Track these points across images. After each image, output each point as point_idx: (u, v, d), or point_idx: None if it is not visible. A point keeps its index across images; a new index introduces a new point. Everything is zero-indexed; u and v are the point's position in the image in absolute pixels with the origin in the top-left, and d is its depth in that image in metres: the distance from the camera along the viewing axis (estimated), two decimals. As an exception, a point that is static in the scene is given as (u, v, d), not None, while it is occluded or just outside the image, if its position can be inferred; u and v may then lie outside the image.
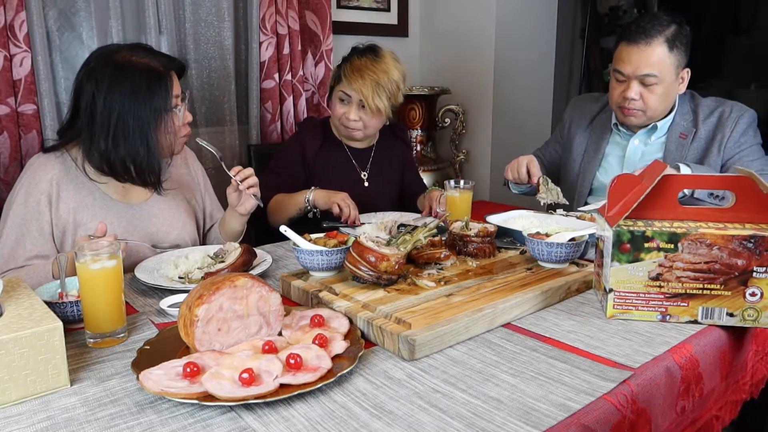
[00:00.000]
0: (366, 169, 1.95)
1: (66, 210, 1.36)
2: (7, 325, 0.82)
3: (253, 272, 1.29)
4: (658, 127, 1.77)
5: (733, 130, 1.67)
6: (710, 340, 0.99)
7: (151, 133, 1.33)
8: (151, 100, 1.31)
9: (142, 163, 1.34)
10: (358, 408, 0.79)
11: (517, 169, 1.77)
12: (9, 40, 1.78)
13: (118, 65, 1.31)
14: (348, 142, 1.95)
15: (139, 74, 1.31)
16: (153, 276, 1.27)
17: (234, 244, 1.35)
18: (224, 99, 2.31)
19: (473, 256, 1.32)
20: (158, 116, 1.33)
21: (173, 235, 1.51)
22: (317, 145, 1.89)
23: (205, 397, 0.78)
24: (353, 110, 1.82)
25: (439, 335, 0.93)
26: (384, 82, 1.78)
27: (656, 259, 1.01)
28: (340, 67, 1.85)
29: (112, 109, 1.30)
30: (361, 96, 1.78)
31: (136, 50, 1.35)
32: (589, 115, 1.96)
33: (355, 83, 1.77)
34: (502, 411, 0.77)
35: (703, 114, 1.73)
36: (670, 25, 1.64)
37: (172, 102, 1.36)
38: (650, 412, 0.86)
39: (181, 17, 2.20)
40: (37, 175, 1.35)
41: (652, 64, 1.64)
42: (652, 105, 1.70)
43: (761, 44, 3.19)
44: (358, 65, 1.79)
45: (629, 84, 1.69)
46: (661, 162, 1.10)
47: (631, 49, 1.66)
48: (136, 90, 1.30)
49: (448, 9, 2.95)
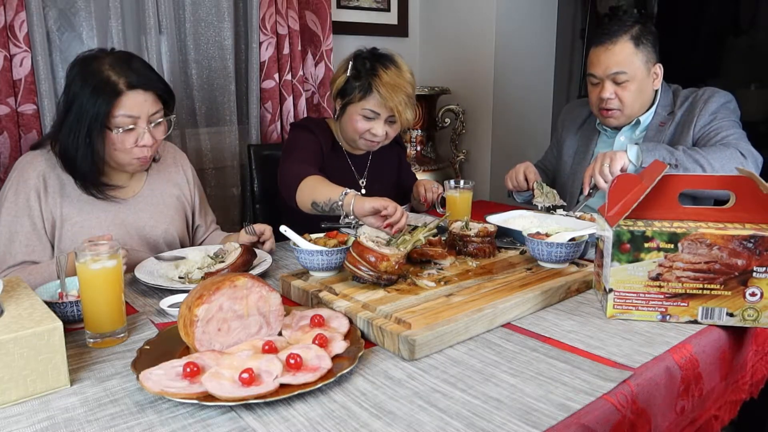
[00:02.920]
0: (364, 176, 1.89)
1: (54, 204, 1.39)
2: (7, 325, 0.82)
3: (253, 272, 1.29)
4: (641, 121, 1.81)
5: (703, 110, 1.70)
6: (710, 340, 0.99)
7: (87, 139, 1.32)
8: (93, 106, 1.30)
9: (77, 160, 1.35)
10: (358, 408, 0.79)
11: (515, 177, 1.84)
12: (9, 40, 1.78)
13: (87, 64, 1.33)
14: (348, 149, 1.87)
15: (92, 78, 1.31)
16: (153, 276, 1.27)
17: (234, 244, 1.35)
18: (224, 99, 2.31)
19: (473, 256, 1.32)
20: (93, 125, 1.32)
21: (161, 229, 1.51)
22: (329, 146, 1.82)
23: (205, 397, 0.78)
24: (380, 126, 1.70)
25: (439, 335, 0.94)
26: (411, 93, 1.71)
27: (656, 259, 1.01)
28: (357, 80, 1.68)
29: (67, 101, 1.34)
30: (394, 113, 1.67)
31: (119, 61, 1.35)
32: (579, 119, 2.03)
33: (391, 101, 1.65)
34: (502, 411, 0.77)
35: (679, 101, 1.78)
36: (634, 25, 1.72)
37: (115, 120, 1.33)
38: (650, 412, 0.86)
39: (181, 17, 2.20)
40: (25, 173, 1.38)
41: (620, 62, 1.70)
42: (628, 102, 1.74)
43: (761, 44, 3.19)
44: (390, 82, 1.65)
45: (603, 85, 1.74)
46: (661, 162, 1.10)
47: (599, 51, 1.73)
48: (85, 93, 1.30)
49: (448, 9, 2.95)
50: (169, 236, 1.53)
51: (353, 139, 1.78)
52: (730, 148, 1.56)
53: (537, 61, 2.98)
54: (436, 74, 3.04)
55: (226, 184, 2.38)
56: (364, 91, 1.66)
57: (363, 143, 1.77)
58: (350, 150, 1.87)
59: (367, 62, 1.69)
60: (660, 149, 1.56)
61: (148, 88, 1.36)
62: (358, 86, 1.67)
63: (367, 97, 1.67)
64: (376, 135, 1.71)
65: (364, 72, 1.67)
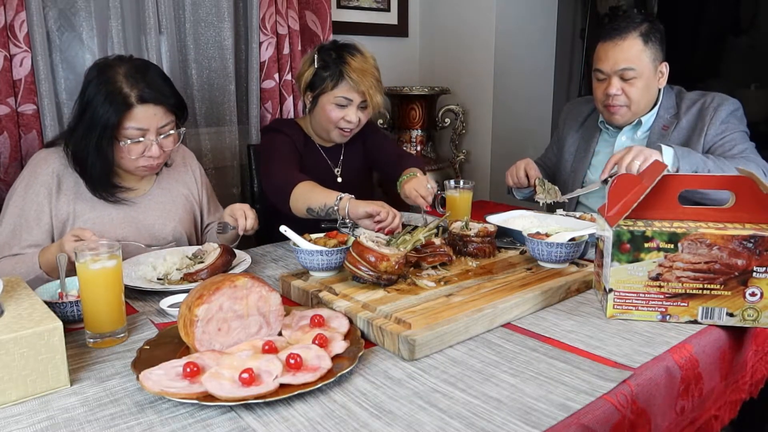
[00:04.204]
0: (339, 165, 1.91)
1: (66, 201, 1.40)
2: (7, 325, 0.82)
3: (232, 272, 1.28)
4: (643, 122, 1.80)
5: (713, 118, 1.69)
6: (710, 340, 0.99)
7: (97, 146, 1.34)
8: (104, 116, 1.32)
9: (87, 164, 1.37)
10: (358, 408, 0.79)
11: (515, 174, 1.83)
12: (9, 40, 1.78)
13: (103, 71, 1.34)
14: (321, 142, 1.90)
15: (106, 87, 1.32)
16: (131, 277, 1.26)
17: (213, 245, 1.35)
18: (224, 99, 2.31)
19: (473, 256, 1.33)
20: (103, 134, 1.33)
21: (170, 227, 1.52)
22: (302, 144, 1.85)
23: (205, 397, 0.78)
24: (353, 112, 1.75)
25: (439, 335, 0.94)
26: (379, 77, 1.76)
27: (656, 259, 1.01)
28: (326, 70, 1.72)
29: (81, 104, 1.35)
30: (365, 97, 1.72)
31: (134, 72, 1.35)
32: (581, 116, 2.02)
33: (362, 85, 1.70)
34: (502, 411, 0.77)
35: (685, 106, 1.77)
36: (643, 22, 1.71)
37: (124, 132, 1.34)
38: (650, 412, 0.86)
39: (181, 17, 2.19)
40: (38, 169, 1.40)
41: (629, 58, 1.69)
42: (635, 98, 1.73)
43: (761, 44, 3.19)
44: (359, 67, 1.72)
45: (610, 80, 1.73)
46: (661, 162, 1.10)
47: (608, 47, 1.72)
48: (98, 100, 1.31)
49: (448, 9, 2.95)
50: (177, 234, 1.55)
51: (327, 131, 1.81)
52: (750, 163, 1.54)
53: (537, 60, 2.98)
54: (436, 74, 3.04)
55: (226, 184, 2.38)
56: (336, 79, 1.72)
57: (337, 134, 1.81)
58: (323, 143, 1.90)
59: (333, 53, 1.74)
60: (694, 156, 1.52)
61: (159, 102, 1.36)
62: (328, 75, 1.72)
63: (339, 84, 1.72)
64: (350, 122, 1.76)
65: (331, 62, 1.73)
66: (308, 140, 1.88)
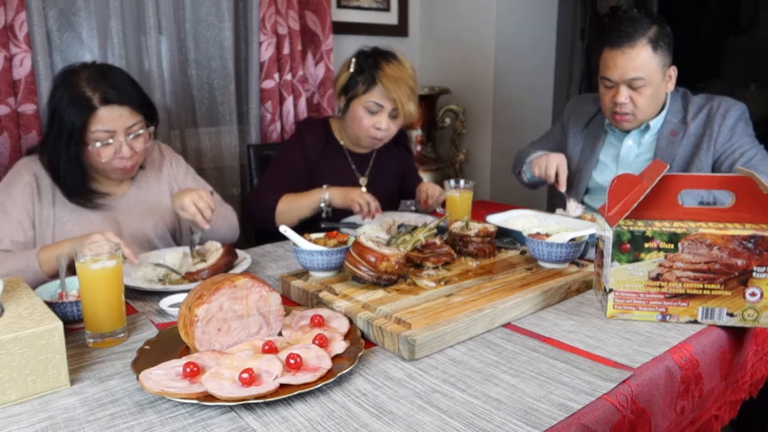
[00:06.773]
0: (365, 175, 1.91)
1: (48, 203, 1.42)
2: (7, 325, 0.82)
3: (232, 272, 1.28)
4: (651, 126, 1.78)
5: (722, 125, 1.68)
6: (710, 340, 0.99)
7: (69, 151, 1.35)
8: (69, 121, 1.33)
9: (61, 170, 1.37)
10: (358, 408, 0.79)
11: (546, 169, 1.78)
12: (9, 40, 1.78)
13: (66, 78, 1.35)
14: (350, 147, 1.89)
15: (69, 92, 1.33)
16: (131, 277, 1.26)
17: (216, 244, 1.35)
18: (224, 99, 2.31)
19: (473, 256, 1.32)
20: (71, 139, 1.34)
21: (149, 225, 1.52)
22: (320, 147, 1.84)
23: (205, 397, 0.78)
24: (384, 119, 1.74)
25: (439, 335, 0.94)
26: (414, 87, 1.75)
27: (656, 259, 1.01)
28: (360, 74, 1.73)
29: (49, 112, 1.37)
30: (397, 105, 1.71)
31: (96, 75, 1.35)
32: (586, 116, 1.99)
33: (395, 92, 1.69)
34: (502, 411, 0.77)
35: (692, 111, 1.75)
36: (651, 26, 1.65)
37: (92, 135, 1.35)
38: (650, 412, 0.86)
39: (181, 17, 2.20)
40: (21, 171, 1.42)
41: (638, 67, 1.64)
42: (643, 107, 1.71)
43: (761, 44, 3.19)
44: (392, 74, 1.70)
45: (618, 89, 1.69)
46: (661, 162, 1.10)
47: (616, 54, 1.66)
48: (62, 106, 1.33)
49: (448, 9, 2.95)
50: (159, 230, 1.54)
51: (357, 137, 1.81)
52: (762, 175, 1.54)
53: (537, 61, 2.98)
54: (436, 74, 3.04)
55: (226, 184, 2.38)
56: (368, 84, 1.72)
57: (367, 140, 1.80)
58: (352, 148, 1.89)
59: (370, 58, 1.75)
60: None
61: (124, 103, 1.37)
62: (361, 80, 1.73)
63: (371, 89, 1.72)
64: (380, 128, 1.75)
65: (367, 66, 1.73)
66: (332, 142, 1.88)
